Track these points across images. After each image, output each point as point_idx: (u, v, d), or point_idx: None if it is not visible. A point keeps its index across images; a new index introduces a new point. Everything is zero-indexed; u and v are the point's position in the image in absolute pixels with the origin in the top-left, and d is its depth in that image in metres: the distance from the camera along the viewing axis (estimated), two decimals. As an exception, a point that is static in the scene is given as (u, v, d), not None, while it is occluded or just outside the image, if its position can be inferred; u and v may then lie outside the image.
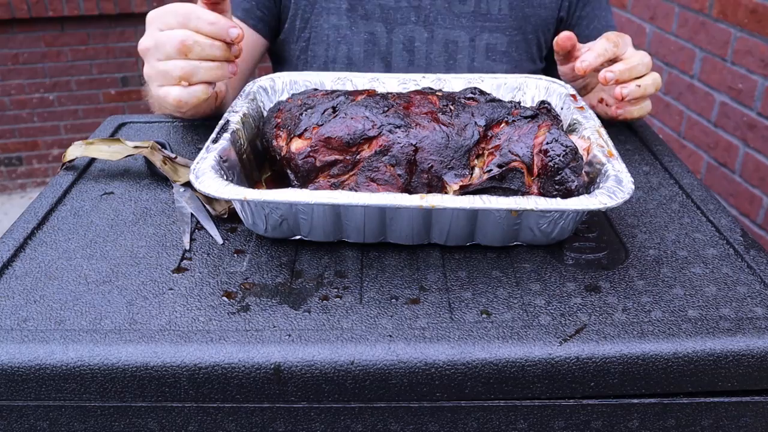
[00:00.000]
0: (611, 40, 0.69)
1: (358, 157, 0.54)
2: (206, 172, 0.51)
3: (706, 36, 0.78)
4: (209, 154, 0.53)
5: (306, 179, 0.55)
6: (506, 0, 0.87)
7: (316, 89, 0.63)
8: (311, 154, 0.54)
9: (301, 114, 0.56)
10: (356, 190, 0.53)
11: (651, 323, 0.46)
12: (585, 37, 0.84)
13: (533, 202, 0.48)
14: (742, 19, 1.33)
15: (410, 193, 0.53)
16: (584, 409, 0.45)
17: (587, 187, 0.55)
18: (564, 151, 0.51)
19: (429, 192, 0.53)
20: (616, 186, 0.51)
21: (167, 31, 0.61)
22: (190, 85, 0.61)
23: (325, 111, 0.56)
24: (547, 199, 0.49)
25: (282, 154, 0.56)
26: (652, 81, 0.71)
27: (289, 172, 0.56)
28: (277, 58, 0.95)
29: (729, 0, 1.36)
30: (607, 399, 0.45)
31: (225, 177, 0.52)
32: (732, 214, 0.60)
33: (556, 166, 0.51)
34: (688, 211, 0.60)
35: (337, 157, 0.54)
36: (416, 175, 0.53)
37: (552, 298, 0.48)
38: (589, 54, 0.67)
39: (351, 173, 0.55)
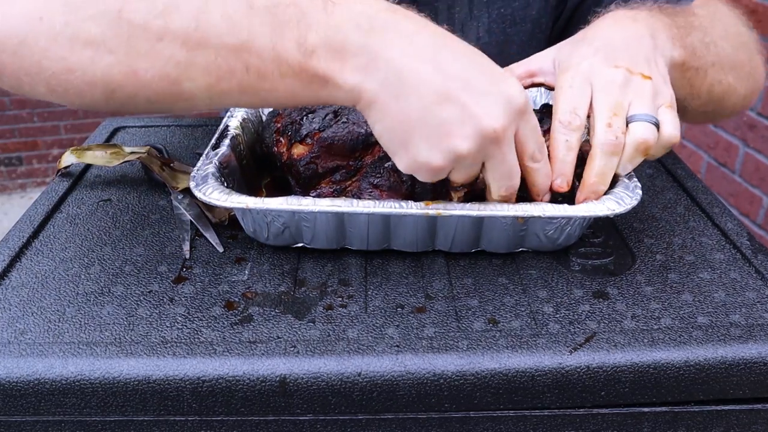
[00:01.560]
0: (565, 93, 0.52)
1: (360, 162, 0.53)
2: (207, 180, 0.50)
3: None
4: (209, 161, 0.52)
5: (308, 185, 0.55)
6: (484, 22, 0.74)
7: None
8: (313, 160, 0.53)
9: (302, 119, 0.56)
10: (359, 197, 0.52)
11: (661, 330, 0.45)
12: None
13: (540, 209, 0.48)
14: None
15: (414, 199, 0.52)
16: (594, 419, 0.44)
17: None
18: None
19: (434, 198, 0.52)
20: (623, 191, 0.50)
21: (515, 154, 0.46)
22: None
23: (326, 116, 0.55)
24: (554, 205, 0.48)
25: (283, 160, 0.55)
26: (612, 153, 0.49)
27: (290, 178, 0.55)
28: None
29: (729, 0, 1.35)
30: (618, 408, 0.44)
31: (225, 184, 0.51)
32: (738, 217, 0.60)
33: None
34: (694, 215, 0.59)
35: (339, 162, 0.53)
36: (420, 180, 0.53)
37: (560, 305, 0.47)
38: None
39: (354, 179, 0.54)
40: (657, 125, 0.51)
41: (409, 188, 0.52)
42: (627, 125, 0.51)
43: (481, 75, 0.43)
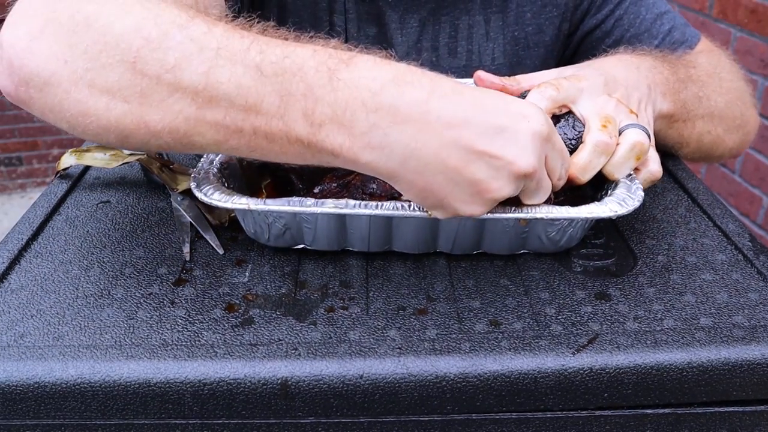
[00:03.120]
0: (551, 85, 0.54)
1: None
2: (208, 181, 0.49)
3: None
4: (210, 162, 0.52)
5: (311, 182, 0.54)
6: (500, 44, 0.76)
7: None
8: None
9: None
10: (363, 189, 0.52)
11: (664, 332, 0.45)
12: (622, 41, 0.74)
13: (543, 211, 0.47)
14: (742, 19, 1.32)
15: None
16: (597, 421, 0.44)
17: (595, 194, 0.55)
18: (575, 134, 0.51)
19: None
20: (625, 193, 0.50)
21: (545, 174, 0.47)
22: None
23: None
24: (557, 207, 0.48)
25: (284, 159, 0.55)
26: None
27: (293, 176, 0.55)
28: None
29: (729, 0, 1.36)
30: (621, 410, 0.44)
31: (226, 185, 0.51)
32: (738, 218, 0.60)
33: (570, 148, 0.51)
34: (695, 216, 0.59)
35: None
36: None
37: (562, 307, 0.47)
38: None
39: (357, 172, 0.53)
40: (648, 136, 0.53)
41: None
42: (620, 133, 0.53)
43: (502, 119, 0.42)
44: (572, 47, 0.79)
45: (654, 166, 0.55)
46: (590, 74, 0.57)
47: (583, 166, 0.51)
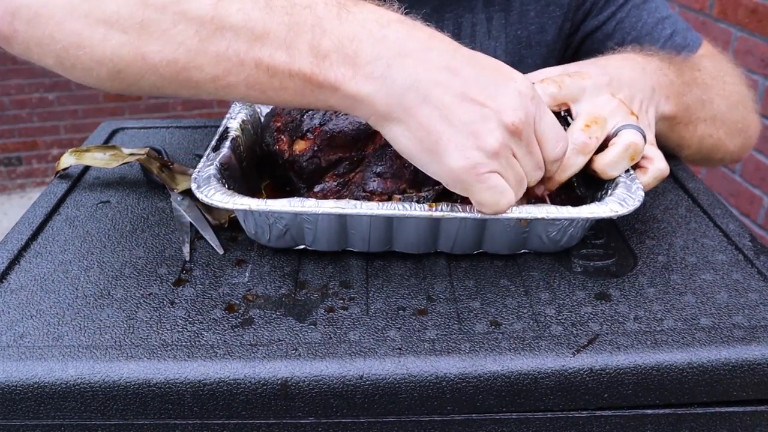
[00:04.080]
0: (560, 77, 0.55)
1: (363, 153, 0.53)
2: (209, 182, 0.49)
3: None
4: (210, 163, 0.52)
5: (311, 181, 0.54)
6: (502, 43, 0.76)
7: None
8: (316, 154, 0.53)
9: (302, 116, 0.55)
10: (363, 187, 0.52)
11: (664, 332, 0.45)
12: (624, 42, 0.75)
13: (544, 211, 0.47)
14: (743, 18, 1.32)
15: (419, 185, 0.52)
16: (597, 421, 0.44)
17: (595, 194, 0.55)
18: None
19: (436, 185, 0.52)
20: (626, 193, 0.50)
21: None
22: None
23: (326, 112, 0.54)
24: (558, 207, 0.48)
25: (285, 158, 0.55)
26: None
27: (293, 176, 0.55)
28: None
29: (729, 0, 1.36)
30: (621, 410, 0.44)
31: (227, 186, 0.51)
32: (739, 218, 0.60)
33: None
34: (695, 216, 0.59)
35: (342, 155, 0.53)
36: None
37: (562, 307, 0.47)
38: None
39: (357, 170, 0.53)
40: (644, 137, 0.54)
41: (413, 173, 0.51)
42: (616, 133, 0.54)
43: (492, 75, 0.44)
44: (573, 47, 0.79)
45: (662, 164, 0.56)
46: (595, 72, 0.57)
47: (562, 165, 0.52)
